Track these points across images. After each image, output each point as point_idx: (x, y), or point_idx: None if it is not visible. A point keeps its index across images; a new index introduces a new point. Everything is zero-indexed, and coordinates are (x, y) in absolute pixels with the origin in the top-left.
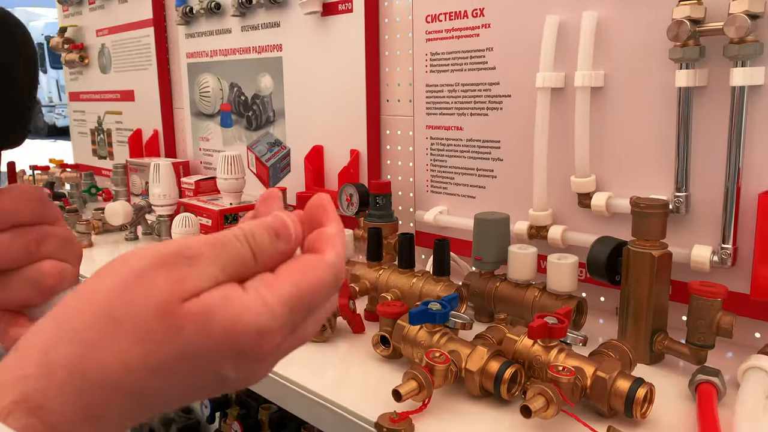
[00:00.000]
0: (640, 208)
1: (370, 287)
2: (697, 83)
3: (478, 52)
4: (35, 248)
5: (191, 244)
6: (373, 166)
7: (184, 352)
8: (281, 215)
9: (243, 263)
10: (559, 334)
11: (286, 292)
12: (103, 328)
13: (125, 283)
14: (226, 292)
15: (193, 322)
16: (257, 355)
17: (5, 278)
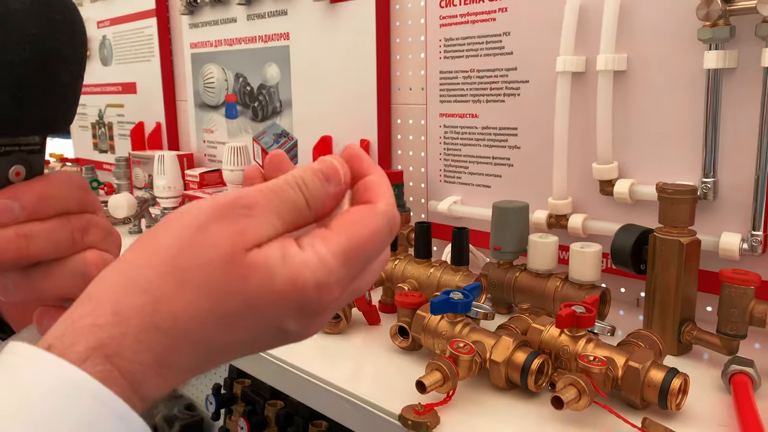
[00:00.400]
0: (668, 194)
1: (385, 278)
2: (727, 65)
3: (494, 37)
4: (80, 237)
5: (246, 193)
6: (383, 157)
7: (249, 301)
8: (328, 158)
9: (297, 210)
10: (588, 324)
11: (341, 246)
12: (171, 280)
13: (188, 235)
14: (285, 251)
15: (257, 273)
16: (316, 309)
17: (49, 268)
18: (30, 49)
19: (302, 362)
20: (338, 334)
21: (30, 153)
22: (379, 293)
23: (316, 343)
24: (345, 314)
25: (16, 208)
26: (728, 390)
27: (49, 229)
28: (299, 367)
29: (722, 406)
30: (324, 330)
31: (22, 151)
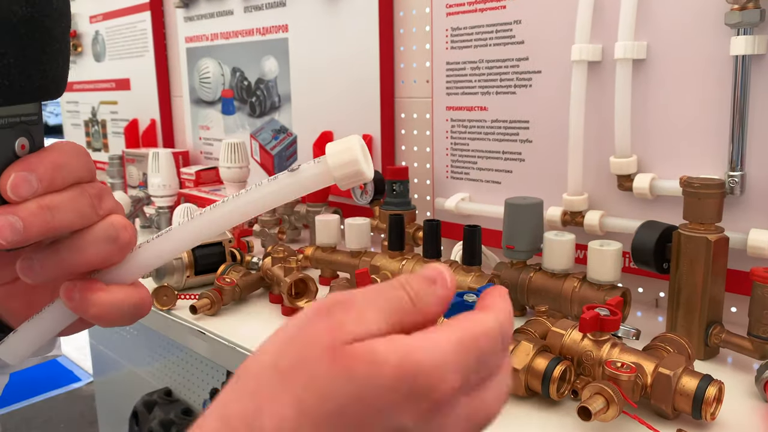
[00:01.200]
0: (694, 188)
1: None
2: (756, 51)
3: (504, 26)
4: (99, 204)
5: (346, 293)
6: (387, 152)
7: (356, 393)
8: (433, 264)
9: (401, 307)
10: (613, 327)
11: (454, 334)
12: (273, 381)
13: (289, 336)
14: (391, 338)
15: (362, 362)
16: (434, 399)
17: (77, 240)
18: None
19: None
20: None
21: (30, 124)
22: None
23: None
24: None
25: (34, 180)
26: (763, 397)
27: (71, 199)
28: None
29: (757, 413)
30: None
31: (23, 123)
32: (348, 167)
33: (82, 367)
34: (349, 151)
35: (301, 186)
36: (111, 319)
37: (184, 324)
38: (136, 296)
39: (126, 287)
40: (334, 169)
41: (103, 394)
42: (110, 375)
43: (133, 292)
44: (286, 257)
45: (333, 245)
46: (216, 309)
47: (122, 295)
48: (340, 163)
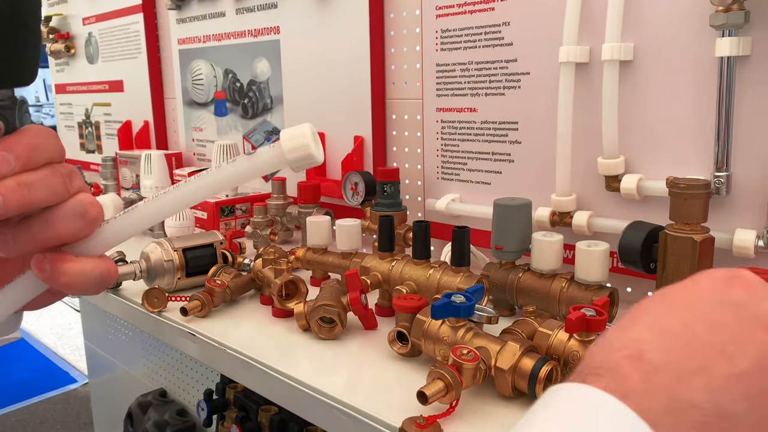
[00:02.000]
0: (680, 189)
1: (382, 280)
2: (741, 52)
3: (493, 27)
4: (69, 182)
5: None
6: (378, 153)
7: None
8: None
9: None
10: (599, 327)
11: None
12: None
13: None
14: None
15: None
16: None
17: (49, 215)
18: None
19: (294, 370)
20: (333, 339)
21: (5, 108)
22: (376, 296)
23: (310, 350)
24: (340, 319)
25: (12, 159)
26: None
27: (45, 177)
28: (291, 375)
29: None
30: (318, 336)
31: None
32: (300, 151)
33: (77, 368)
34: (301, 137)
35: (258, 167)
36: (80, 287)
37: (175, 326)
38: (103, 266)
39: (94, 258)
40: (287, 152)
41: (98, 395)
42: (105, 376)
43: (101, 262)
44: (277, 259)
45: (324, 246)
46: (207, 311)
47: (90, 266)
48: (292, 147)
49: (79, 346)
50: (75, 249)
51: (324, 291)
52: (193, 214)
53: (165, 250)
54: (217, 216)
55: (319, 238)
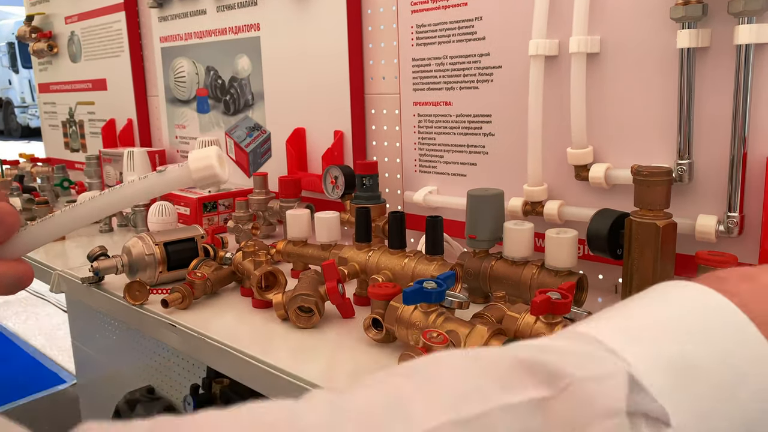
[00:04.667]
0: (643, 176)
1: (359, 270)
2: (700, 44)
3: (466, 22)
4: None
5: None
6: (358, 148)
7: None
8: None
9: None
10: (563, 310)
11: None
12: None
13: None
14: None
15: None
16: None
17: None
18: None
19: (274, 358)
20: (311, 328)
21: None
22: (354, 286)
23: (289, 339)
24: (318, 308)
25: None
26: None
27: None
28: (271, 363)
29: None
30: (297, 324)
31: None
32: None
33: (65, 369)
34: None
35: (166, 184)
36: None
37: (157, 318)
38: (17, 270)
39: (9, 262)
40: (193, 172)
41: (87, 394)
42: (93, 375)
43: (16, 266)
44: (256, 251)
45: (304, 239)
46: (188, 303)
47: (3, 269)
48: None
49: (68, 347)
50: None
51: (302, 281)
52: (176, 210)
53: (146, 244)
54: (200, 212)
55: (299, 230)
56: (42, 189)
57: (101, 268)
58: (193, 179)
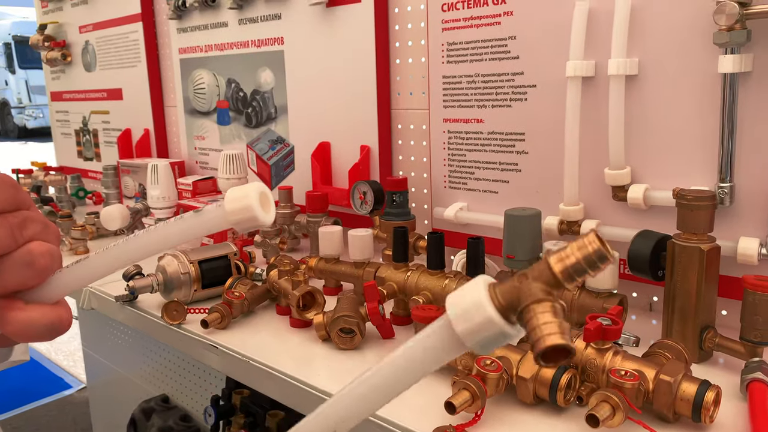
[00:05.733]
0: (687, 200)
1: (397, 290)
2: (743, 69)
3: (499, 41)
4: (19, 233)
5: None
6: (384, 163)
7: None
8: None
9: None
10: (614, 336)
11: None
12: None
13: None
14: None
15: None
16: None
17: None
18: None
19: (316, 380)
20: (353, 349)
21: None
22: (391, 305)
23: (330, 360)
24: (359, 329)
25: None
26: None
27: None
28: (314, 385)
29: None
30: (339, 346)
31: None
32: (242, 213)
33: (72, 374)
34: (244, 198)
35: (203, 227)
36: (27, 336)
37: (196, 338)
38: (53, 315)
39: (44, 307)
40: (229, 214)
41: (98, 400)
42: (104, 381)
43: (51, 311)
44: (293, 270)
45: (336, 256)
46: (226, 323)
47: (38, 315)
48: (235, 209)
49: (72, 351)
50: (27, 296)
51: (342, 302)
52: None
53: (181, 262)
54: None
55: (331, 248)
56: (59, 200)
57: (137, 287)
58: (228, 222)
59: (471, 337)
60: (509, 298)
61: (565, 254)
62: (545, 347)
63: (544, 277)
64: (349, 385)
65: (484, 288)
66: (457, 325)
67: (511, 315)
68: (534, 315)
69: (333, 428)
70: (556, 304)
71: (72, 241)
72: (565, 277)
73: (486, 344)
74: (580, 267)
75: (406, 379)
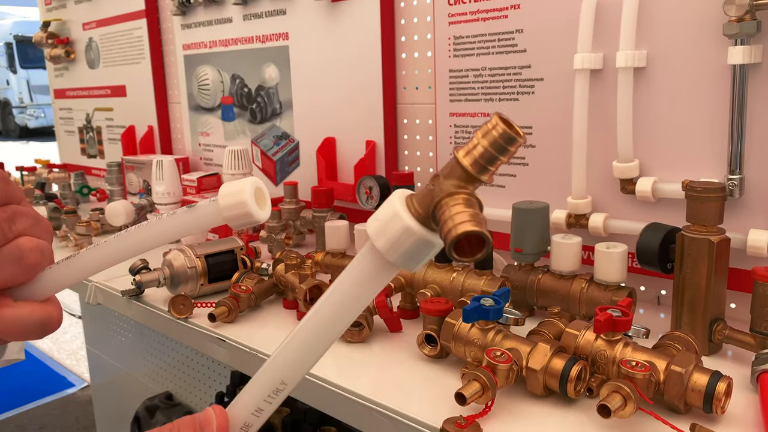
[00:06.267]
0: (697, 192)
1: (404, 283)
2: (753, 60)
3: (506, 35)
4: (8, 227)
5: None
6: (390, 157)
7: None
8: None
9: None
10: (625, 327)
11: None
12: None
13: None
14: None
15: None
16: None
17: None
18: None
19: (326, 372)
20: (361, 342)
21: None
22: (398, 299)
23: (337, 352)
24: (367, 322)
25: None
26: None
27: None
28: (324, 378)
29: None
30: (346, 339)
31: None
32: (236, 209)
33: (74, 373)
34: (239, 194)
35: (196, 222)
36: (16, 333)
37: (204, 332)
38: (41, 313)
39: (33, 304)
40: (223, 210)
41: (101, 398)
42: (108, 379)
43: (40, 309)
44: (300, 264)
45: (342, 250)
46: (233, 316)
47: (27, 312)
48: (228, 204)
49: (75, 350)
50: (16, 293)
51: None
52: None
53: (188, 257)
54: None
55: (337, 242)
56: (64, 197)
57: (144, 282)
58: (222, 217)
59: (393, 250)
60: (426, 203)
61: (471, 145)
62: (456, 235)
63: (455, 174)
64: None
65: (399, 200)
66: (378, 240)
67: (431, 222)
68: (446, 208)
69: (280, 379)
70: (470, 197)
71: (77, 237)
72: (477, 169)
73: (410, 256)
74: (490, 154)
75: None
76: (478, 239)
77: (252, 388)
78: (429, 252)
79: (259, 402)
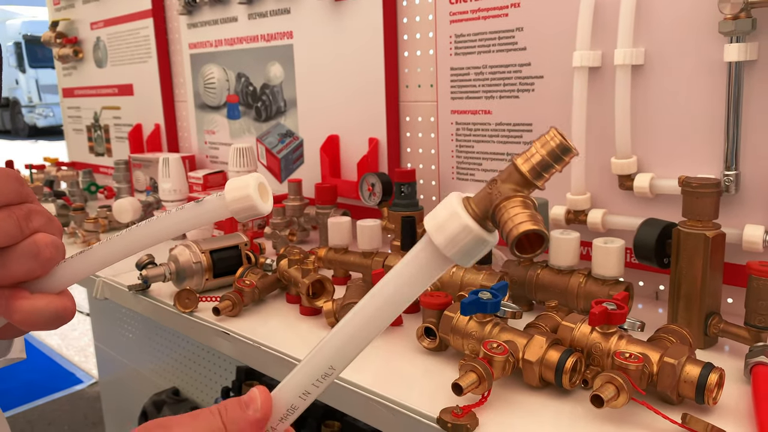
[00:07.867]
0: (692, 188)
1: None
2: (748, 57)
3: (507, 33)
4: (25, 224)
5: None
6: (393, 155)
7: None
8: (253, 389)
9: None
10: (619, 320)
11: None
12: None
13: None
14: None
15: None
16: None
17: (2, 257)
18: None
19: None
20: None
21: None
22: None
23: None
24: None
25: None
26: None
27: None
28: None
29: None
30: None
31: None
32: (242, 202)
33: (83, 369)
34: (244, 188)
35: (204, 216)
36: (33, 324)
37: (209, 325)
38: (57, 303)
39: (49, 296)
40: (229, 203)
41: (109, 394)
42: (115, 375)
43: (56, 300)
44: (303, 259)
45: (345, 246)
46: (237, 310)
47: (43, 303)
48: (234, 197)
49: (83, 347)
50: (32, 286)
51: (351, 290)
52: None
53: (193, 252)
54: None
55: (340, 238)
56: (72, 194)
57: (150, 276)
58: (229, 210)
59: (450, 246)
60: (483, 205)
61: (530, 153)
62: (518, 234)
63: (513, 179)
64: (343, 320)
65: (457, 200)
66: (436, 237)
67: (487, 222)
68: (505, 210)
69: (329, 363)
70: (526, 199)
71: (85, 233)
72: (534, 174)
73: (466, 252)
74: (546, 162)
75: (396, 303)
76: (537, 236)
77: (300, 373)
78: (483, 249)
79: (307, 385)
